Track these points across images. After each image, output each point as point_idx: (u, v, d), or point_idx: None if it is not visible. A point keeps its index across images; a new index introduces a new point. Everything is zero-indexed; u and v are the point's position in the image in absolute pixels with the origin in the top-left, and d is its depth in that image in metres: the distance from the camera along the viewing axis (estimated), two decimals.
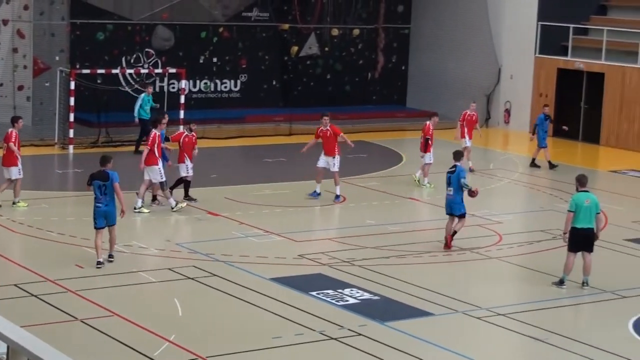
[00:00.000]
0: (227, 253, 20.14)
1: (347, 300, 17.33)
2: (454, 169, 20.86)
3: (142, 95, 31.62)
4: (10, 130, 23.70)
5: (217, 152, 31.11)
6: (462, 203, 20.73)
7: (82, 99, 32.60)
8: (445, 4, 40.50)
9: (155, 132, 23.54)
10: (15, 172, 23.41)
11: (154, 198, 24.19)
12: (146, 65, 36.62)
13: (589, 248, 18.27)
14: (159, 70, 35.55)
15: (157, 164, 23.29)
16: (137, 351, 14.56)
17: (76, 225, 21.94)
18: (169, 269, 18.87)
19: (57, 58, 34.90)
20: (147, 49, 37.20)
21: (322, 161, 25.32)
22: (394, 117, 39.55)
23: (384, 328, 16.03)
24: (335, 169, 25.16)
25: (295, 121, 36.35)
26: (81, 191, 25.13)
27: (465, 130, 29.24)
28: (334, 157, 25.13)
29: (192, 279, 18.35)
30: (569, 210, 18.15)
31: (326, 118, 25.40)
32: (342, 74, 41.19)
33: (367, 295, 17.64)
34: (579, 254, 18.29)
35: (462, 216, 20.74)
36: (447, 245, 20.69)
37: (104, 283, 17.90)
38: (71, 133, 31.18)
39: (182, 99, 33.37)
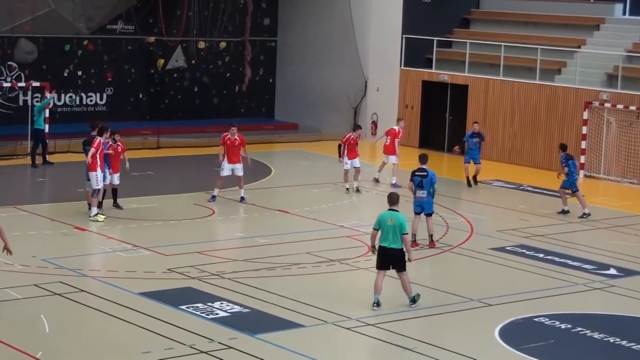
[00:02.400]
0: (95, 268, 19.90)
1: (217, 314, 17.27)
2: (425, 173, 22.51)
3: (36, 105, 31.47)
4: None
5: (84, 166, 30.63)
6: (433, 203, 22.67)
7: None
8: (311, 18, 40.76)
9: (99, 139, 23.81)
10: None
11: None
12: (9, 79, 35.92)
13: (397, 267, 17.85)
14: (22, 84, 34.90)
15: (96, 171, 23.57)
16: None
17: None
18: (35, 284, 18.52)
19: None
20: (9, 62, 36.49)
21: (227, 169, 26.33)
22: (262, 130, 39.63)
23: (254, 340, 16.01)
24: (241, 173, 26.40)
25: (163, 134, 36.11)
26: None
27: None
28: (240, 163, 26.28)
29: (59, 294, 18.05)
30: (374, 228, 17.95)
31: (234, 128, 26.42)
32: (210, 87, 41.10)
33: (237, 308, 17.61)
34: (391, 274, 18.02)
35: (431, 215, 22.64)
36: (432, 244, 22.48)
37: None
38: None
39: (47, 113, 32.76)
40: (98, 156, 23.65)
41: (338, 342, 16.57)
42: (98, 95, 38.78)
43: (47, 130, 31.57)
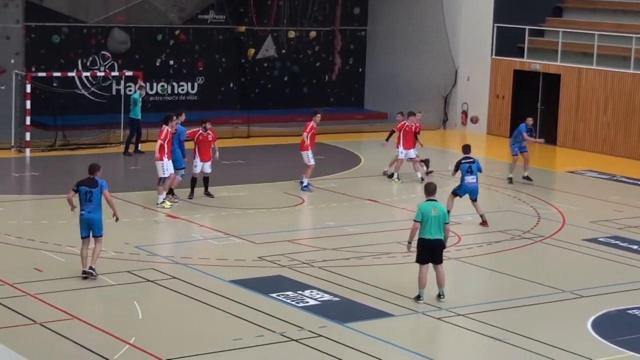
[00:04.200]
0: (186, 255, 20.08)
1: (307, 302, 17.33)
2: (472, 159, 23.61)
3: (136, 96, 31.80)
4: None
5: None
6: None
7: (39, 102, 32.36)
8: (402, 6, 40.60)
9: (166, 129, 24.00)
10: None
11: (171, 192, 24.66)
12: (102, 68, 36.42)
13: (436, 260, 17.49)
14: (116, 73, 35.37)
15: (162, 160, 23.78)
16: (97, 354, 14.48)
17: (34, 229, 21.80)
18: (128, 271, 18.78)
19: (12, 61, 34.64)
20: (103, 52, 36.99)
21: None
22: (351, 119, 39.63)
23: (344, 329, 16.04)
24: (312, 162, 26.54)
25: (253, 123, 36.32)
26: (39, 194, 25.02)
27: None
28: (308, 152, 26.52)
29: (152, 281, 18.28)
30: (414, 220, 17.43)
31: (319, 116, 27.00)
32: (300, 76, 41.19)
33: (327, 297, 17.65)
34: (430, 265, 17.60)
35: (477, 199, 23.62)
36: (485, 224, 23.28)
37: (63, 286, 17.77)
38: (28, 136, 30.94)
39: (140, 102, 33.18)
40: (166, 145, 23.89)
41: (428, 332, 16.55)
42: (189, 84, 39.12)
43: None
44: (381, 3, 41.54)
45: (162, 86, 38.40)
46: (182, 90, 38.98)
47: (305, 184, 26.40)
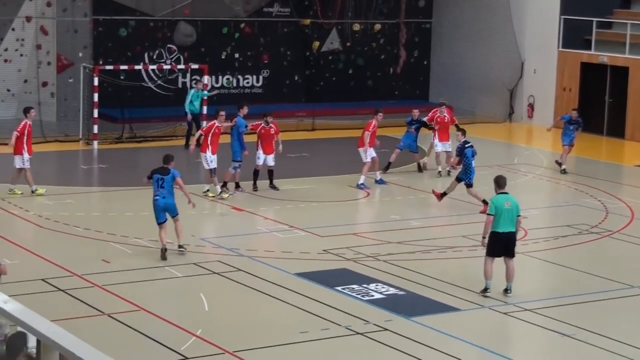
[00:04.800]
0: (251, 248, 20.16)
1: (372, 295, 17.31)
2: (471, 143, 24.06)
3: (191, 90, 31.83)
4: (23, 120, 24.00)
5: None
6: None
7: (106, 95, 32.69)
8: None
9: (214, 122, 24.49)
10: (17, 161, 23.59)
11: (237, 185, 24.92)
12: (168, 61, 36.67)
13: (509, 253, 17.39)
14: (182, 66, 35.60)
15: (206, 152, 24.18)
16: (164, 345, 14.59)
17: (102, 221, 22.01)
18: (195, 263, 18.91)
19: (80, 54, 35.01)
20: (169, 45, 37.24)
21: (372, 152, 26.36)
22: None
23: (410, 323, 16.01)
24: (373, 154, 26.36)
25: (318, 116, 36.36)
26: (106, 186, 25.25)
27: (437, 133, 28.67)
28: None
29: (218, 273, 18.38)
30: (488, 214, 17.29)
31: (381, 115, 27.01)
32: (364, 69, 41.14)
33: (392, 290, 17.62)
34: (500, 259, 17.42)
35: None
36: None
37: (131, 278, 17.94)
38: (95, 129, 31.26)
39: (205, 95, 33.39)
40: (209, 138, 24.18)
41: (494, 327, 16.45)
42: (254, 77, 39.25)
43: (204, 112, 32.10)
44: None
45: (228, 79, 38.57)
46: (247, 83, 39.13)
47: (362, 181, 26.25)
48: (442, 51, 41.79)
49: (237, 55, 38.68)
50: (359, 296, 17.24)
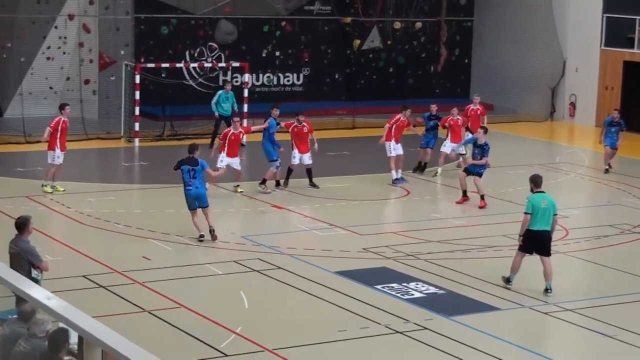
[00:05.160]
0: (291, 246, 20.18)
1: (412, 294, 17.28)
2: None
3: (219, 92, 31.67)
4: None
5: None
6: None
7: (147, 93, 32.84)
8: None
9: (229, 129, 24.60)
10: (49, 157, 23.76)
11: (277, 183, 25.02)
12: (210, 59, 36.78)
13: (545, 252, 17.31)
14: (223, 64, 35.70)
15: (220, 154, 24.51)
16: (204, 342, 14.65)
17: (142, 218, 22.12)
18: (235, 261, 18.96)
19: (122, 52, 35.21)
20: (210, 43, 37.36)
21: (398, 149, 26.23)
22: None
23: (450, 322, 15.96)
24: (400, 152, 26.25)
25: (358, 114, 36.32)
26: (147, 184, 25.37)
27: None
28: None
29: (258, 271, 18.42)
30: (525, 213, 17.29)
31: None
32: (405, 67, 41.06)
33: (432, 289, 17.57)
34: (536, 258, 17.44)
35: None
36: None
37: (171, 275, 18.02)
38: (137, 126, 31.41)
39: (246, 93, 33.48)
40: (226, 144, 24.38)
41: (535, 327, 16.36)
42: (295, 75, 39.29)
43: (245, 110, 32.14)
44: None
45: (268, 77, 38.63)
46: (288, 81, 39.17)
47: (395, 176, 26.15)
48: (483, 49, 41.62)
49: (277, 53, 38.74)
50: (398, 295, 17.21)
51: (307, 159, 25.34)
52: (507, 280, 17.63)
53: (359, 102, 37.67)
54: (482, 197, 23.83)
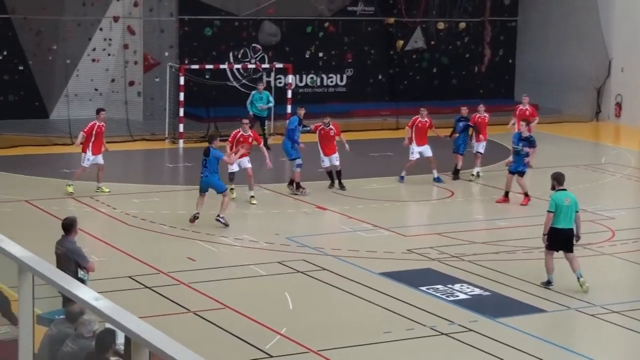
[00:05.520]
0: (336, 247, 20.17)
1: (457, 296, 17.22)
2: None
3: (253, 92, 31.77)
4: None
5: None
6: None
7: (192, 94, 32.97)
8: None
9: (238, 130, 24.40)
10: (81, 159, 23.90)
11: (298, 186, 24.73)
12: (253, 61, 36.86)
13: (569, 248, 17.42)
14: (266, 65, 35.77)
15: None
16: (249, 343, 14.67)
17: (187, 219, 22.16)
18: (279, 262, 18.98)
19: (166, 54, 35.36)
20: (254, 44, 37.43)
21: (417, 152, 26.33)
22: (501, 111, 39.07)
23: (495, 324, 15.89)
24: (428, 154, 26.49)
25: (402, 115, 36.20)
26: (192, 185, 25.42)
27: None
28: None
29: (302, 272, 18.42)
30: (548, 211, 17.40)
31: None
32: (449, 68, 40.93)
33: (477, 291, 17.50)
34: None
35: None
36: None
37: (216, 276, 18.08)
38: (181, 127, 31.54)
39: (289, 94, 33.53)
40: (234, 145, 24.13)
41: (581, 329, 16.26)
42: (338, 76, 39.28)
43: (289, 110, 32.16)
44: None
45: (312, 78, 38.66)
46: (331, 82, 39.17)
47: (402, 174, 26.32)
48: (527, 49, 41.37)
49: (321, 54, 38.75)
50: (443, 296, 17.16)
51: (335, 160, 25.19)
52: (547, 283, 17.59)
53: (402, 103, 37.56)
54: (525, 194, 23.70)
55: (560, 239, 17.38)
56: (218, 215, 21.21)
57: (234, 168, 23.87)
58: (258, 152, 24.42)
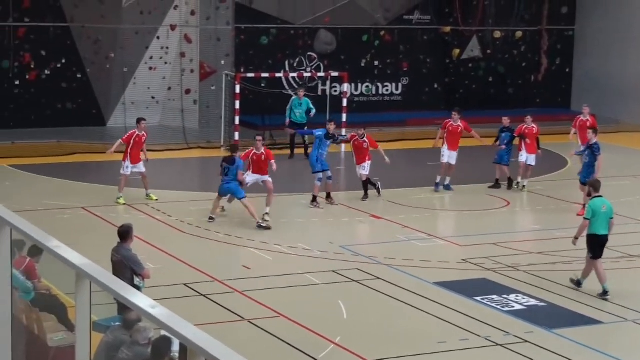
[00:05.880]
0: (390, 256, 20.12)
1: (512, 306, 17.10)
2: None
3: (293, 97, 31.76)
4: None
5: (379, 155, 31.02)
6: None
7: (247, 102, 33.06)
8: (611, 5, 39.58)
9: (251, 149, 23.93)
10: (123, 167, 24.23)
11: (328, 195, 24.59)
12: (309, 69, 36.93)
13: (602, 254, 17.85)
14: (322, 74, 35.81)
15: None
16: (303, 352, 14.68)
17: (243, 227, 22.25)
18: (333, 271, 18.97)
19: (222, 62, 35.50)
20: (309, 53, 37.51)
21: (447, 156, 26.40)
22: (558, 120, 38.83)
23: (551, 335, 15.76)
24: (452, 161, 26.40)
25: None
26: (247, 193, 25.46)
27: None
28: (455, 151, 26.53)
29: (356, 281, 18.40)
30: (585, 218, 17.67)
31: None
32: (505, 77, 40.71)
33: (533, 302, 17.37)
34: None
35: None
36: None
37: (270, 284, 18.10)
38: (236, 136, 31.61)
39: (345, 103, 33.53)
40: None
41: (638, 341, 16.04)
42: (393, 85, 39.23)
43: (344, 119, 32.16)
44: (590, 2, 40.60)
45: (367, 87, 38.65)
46: (387, 90, 39.13)
47: (437, 180, 26.21)
48: (585, 58, 41.04)
49: (376, 63, 38.72)
50: (498, 307, 17.05)
51: (361, 169, 24.99)
52: (604, 293, 17.51)
53: None
54: (584, 206, 23.35)
55: (602, 245, 17.72)
56: (257, 222, 21.82)
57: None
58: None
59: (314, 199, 24.25)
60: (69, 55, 34.28)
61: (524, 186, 26.52)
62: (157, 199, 24.27)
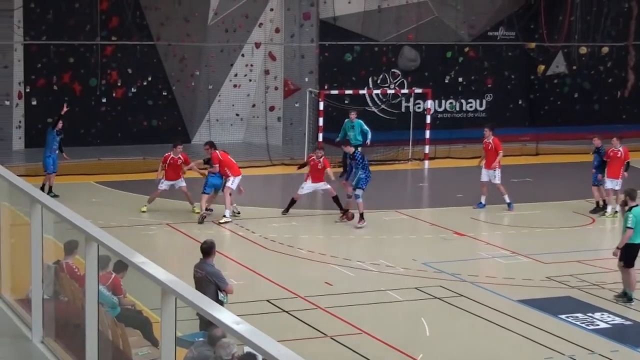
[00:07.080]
0: (473, 273, 20.03)
1: (597, 325, 16.92)
2: None
3: (346, 120, 30.89)
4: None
5: (462, 172, 30.94)
6: None
7: (330, 119, 33.16)
8: None
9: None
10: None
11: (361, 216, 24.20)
12: (392, 86, 36.94)
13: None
14: (405, 91, 35.80)
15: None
16: None
17: (325, 243, 22.34)
18: (416, 288, 18.94)
19: (306, 79, 35.70)
20: (393, 70, 37.52)
21: (485, 175, 25.95)
22: None
23: (637, 354, 15.57)
24: (497, 181, 25.74)
25: (542, 141, 35.80)
26: (329, 209, 25.54)
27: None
28: (494, 170, 25.78)
29: (439, 298, 18.35)
30: (628, 227, 17.87)
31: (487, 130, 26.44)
32: (591, 93, 40.27)
33: (618, 320, 17.17)
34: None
35: None
36: None
37: (353, 301, 18.14)
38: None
39: (428, 119, 33.48)
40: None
41: None
42: (477, 101, 39.05)
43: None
44: None
45: (451, 103, 38.54)
46: (470, 107, 38.97)
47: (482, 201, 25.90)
48: None
49: (460, 79, 38.60)
50: (583, 325, 16.88)
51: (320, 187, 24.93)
52: (630, 300, 17.96)
53: (542, 128, 37.14)
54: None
55: (636, 254, 18.05)
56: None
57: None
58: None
59: (361, 216, 23.91)
60: (155, 73, 34.76)
61: (615, 212, 25.16)
62: (198, 212, 24.35)
